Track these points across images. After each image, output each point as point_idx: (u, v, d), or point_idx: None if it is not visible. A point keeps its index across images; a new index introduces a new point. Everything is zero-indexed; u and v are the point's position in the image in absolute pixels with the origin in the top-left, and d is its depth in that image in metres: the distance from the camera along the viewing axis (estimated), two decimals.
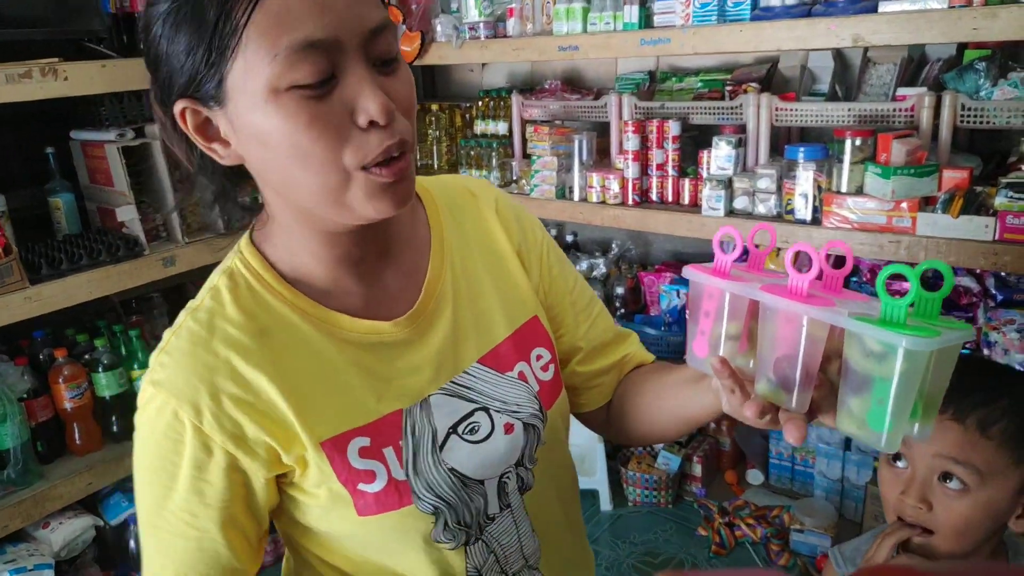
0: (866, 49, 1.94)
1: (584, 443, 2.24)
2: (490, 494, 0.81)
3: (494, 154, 2.54)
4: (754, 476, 2.32)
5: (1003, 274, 1.83)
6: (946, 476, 0.89)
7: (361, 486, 0.74)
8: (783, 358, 0.63)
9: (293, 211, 0.73)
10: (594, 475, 2.28)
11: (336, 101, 0.63)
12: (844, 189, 1.78)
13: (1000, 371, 0.99)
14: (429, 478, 0.76)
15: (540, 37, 2.27)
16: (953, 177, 1.65)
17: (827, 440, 2.13)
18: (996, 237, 1.56)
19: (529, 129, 2.39)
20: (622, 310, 2.32)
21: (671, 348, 2.14)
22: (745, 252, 0.72)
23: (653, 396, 0.90)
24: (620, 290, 2.34)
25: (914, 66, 1.88)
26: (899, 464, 0.94)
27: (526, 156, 2.45)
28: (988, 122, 1.65)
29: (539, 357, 0.88)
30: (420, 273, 0.82)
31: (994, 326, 1.79)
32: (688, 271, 0.72)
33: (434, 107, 2.76)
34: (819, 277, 0.64)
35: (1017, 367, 1.71)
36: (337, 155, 0.64)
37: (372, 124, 0.64)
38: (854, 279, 2.08)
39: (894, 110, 1.77)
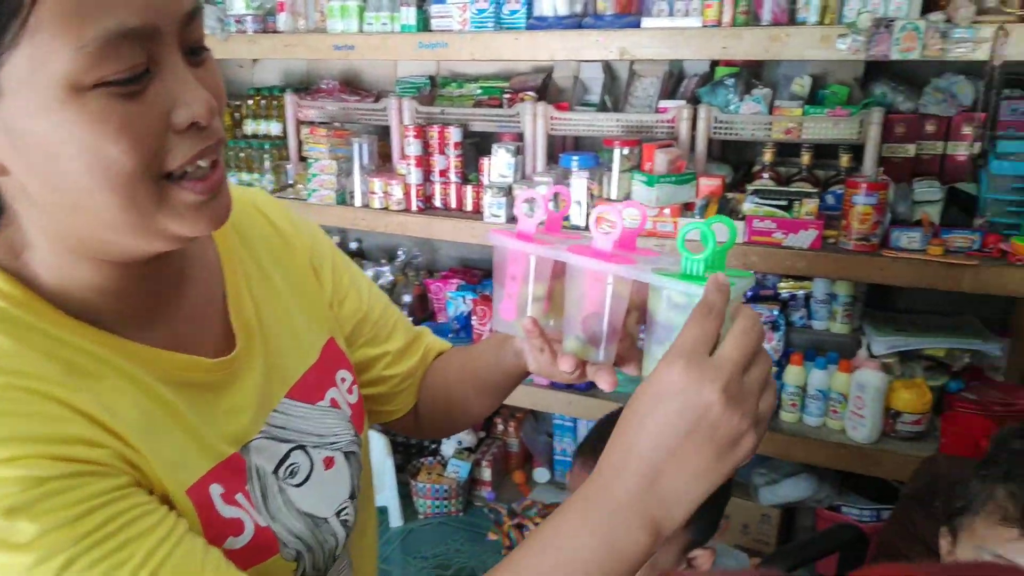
0: (632, 62, 2.04)
1: (373, 459, 2.15)
2: (337, 531, 0.75)
3: (267, 156, 2.38)
4: (540, 474, 2.37)
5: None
6: None
7: (230, 540, 0.62)
8: (591, 316, 0.67)
9: (69, 238, 0.58)
10: (383, 491, 2.20)
11: (151, 99, 0.53)
12: (614, 196, 1.86)
13: None
14: (286, 522, 0.69)
15: (314, 34, 2.16)
16: (708, 184, 1.79)
17: None
18: (746, 239, 1.70)
19: (305, 131, 2.27)
20: (410, 318, 2.25)
21: None
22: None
23: (458, 374, 0.90)
24: (407, 298, 2.28)
25: (674, 81, 2.01)
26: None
27: (302, 159, 2.32)
28: (736, 134, 1.80)
29: (343, 380, 0.82)
30: (217, 299, 0.72)
31: None
32: (494, 237, 0.73)
33: None
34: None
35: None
36: (150, 166, 0.53)
37: (192, 125, 0.55)
38: None
39: (657, 121, 1.88)
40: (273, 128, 2.44)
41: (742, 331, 0.54)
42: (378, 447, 2.22)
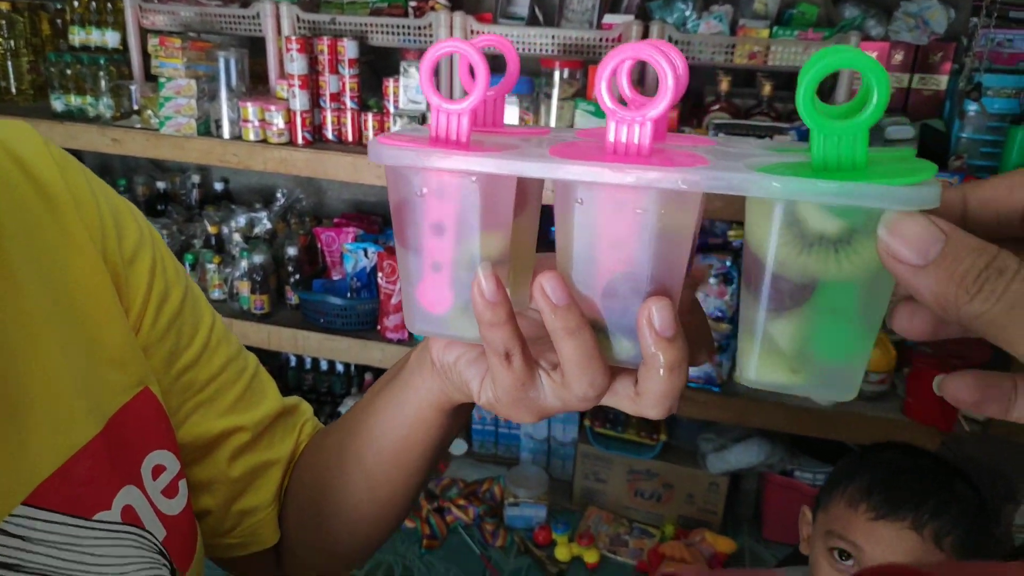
0: None
1: None
2: None
3: (102, 74, 1.88)
4: (457, 446, 2.11)
5: None
6: None
7: None
8: (620, 277, 0.34)
9: None
10: None
11: None
12: (553, 127, 1.57)
13: (940, 468, 0.97)
14: None
15: None
16: None
17: None
18: None
19: (152, 42, 1.79)
20: (296, 275, 1.89)
21: (361, 319, 1.79)
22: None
23: (347, 457, 0.54)
24: (292, 250, 1.90)
25: None
26: (847, 563, 0.91)
27: (150, 78, 1.85)
28: (694, 58, 1.55)
29: (158, 469, 0.47)
30: None
31: None
32: (385, 150, 0.35)
33: (4, 6, 1.98)
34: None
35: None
36: None
37: None
38: None
39: (600, 39, 1.59)
40: (109, 38, 1.93)
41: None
42: None
